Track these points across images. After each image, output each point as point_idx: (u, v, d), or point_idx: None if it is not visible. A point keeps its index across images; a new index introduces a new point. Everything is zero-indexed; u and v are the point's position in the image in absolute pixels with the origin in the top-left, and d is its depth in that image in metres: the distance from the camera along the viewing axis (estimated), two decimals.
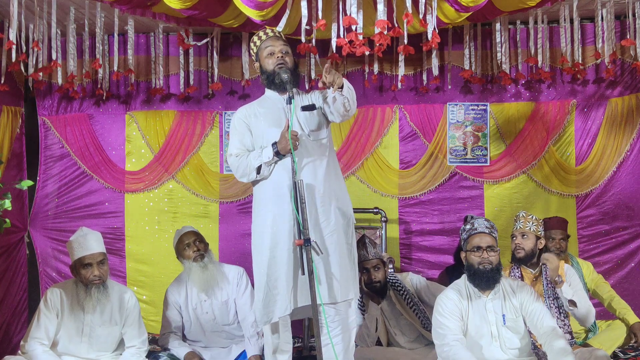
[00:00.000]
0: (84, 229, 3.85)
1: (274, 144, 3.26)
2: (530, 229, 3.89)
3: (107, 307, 3.78)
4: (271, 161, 3.30)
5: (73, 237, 3.81)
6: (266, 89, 3.52)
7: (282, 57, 3.36)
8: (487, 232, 3.51)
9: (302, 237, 3.13)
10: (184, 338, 4.25)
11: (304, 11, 3.56)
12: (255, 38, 3.45)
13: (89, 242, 3.74)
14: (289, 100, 3.23)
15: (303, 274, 3.15)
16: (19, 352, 3.72)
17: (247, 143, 3.41)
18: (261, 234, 3.37)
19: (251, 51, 3.50)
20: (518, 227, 3.94)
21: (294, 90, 3.36)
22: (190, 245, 4.14)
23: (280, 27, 3.74)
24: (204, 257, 4.13)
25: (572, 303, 3.69)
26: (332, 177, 3.42)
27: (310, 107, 3.33)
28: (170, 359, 4.01)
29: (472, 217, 4.49)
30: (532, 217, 3.96)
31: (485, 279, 3.46)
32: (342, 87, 3.20)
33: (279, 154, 3.26)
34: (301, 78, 5.02)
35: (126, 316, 3.83)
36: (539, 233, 3.92)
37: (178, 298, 4.21)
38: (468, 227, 3.58)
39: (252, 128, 3.42)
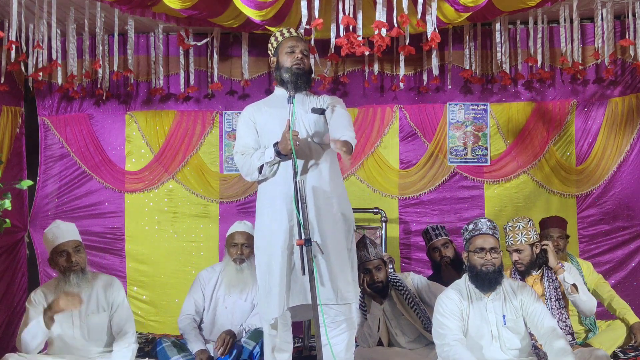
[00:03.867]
0: (57, 221, 3.88)
1: (276, 144, 3.25)
2: (520, 241, 3.77)
3: (92, 295, 3.77)
4: (273, 161, 3.29)
5: (47, 229, 3.84)
6: (276, 87, 3.51)
7: (302, 58, 3.36)
8: (490, 233, 3.49)
9: (302, 237, 3.12)
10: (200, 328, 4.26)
11: (304, 11, 3.56)
12: (277, 34, 3.44)
13: (62, 231, 3.77)
14: (290, 100, 3.24)
15: (304, 274, 3.15)
16: (18, 352, 3.71)
17: (252, 142, 3.41)
18: (261, 233, 3.38)
19: (270, 46, 3.47)
20: (510, 244, 3.80)
21: (305, 91, 3.41)
22: (237, 245, 4.22)
23: (301, 28, 3.74)
24: (243, 261, 4.20)
25: (574, 288, 3.68)
26: (336, 182, 3.42)
27: (320, 111, 3.35)
28: (172, 345, 4.00)
29: (433, 228, 4.63)
30: (519, 226, 3.80)
31: (488, 281, 3.45)
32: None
33: (280, 154, 3.24)
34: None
35: (112, 300, 3.81)
36: (532, 240, 3.79)
37: (208, 281, 4.27)
38: (471, 227, 3.56)
39: (257, 126, 3.42)
